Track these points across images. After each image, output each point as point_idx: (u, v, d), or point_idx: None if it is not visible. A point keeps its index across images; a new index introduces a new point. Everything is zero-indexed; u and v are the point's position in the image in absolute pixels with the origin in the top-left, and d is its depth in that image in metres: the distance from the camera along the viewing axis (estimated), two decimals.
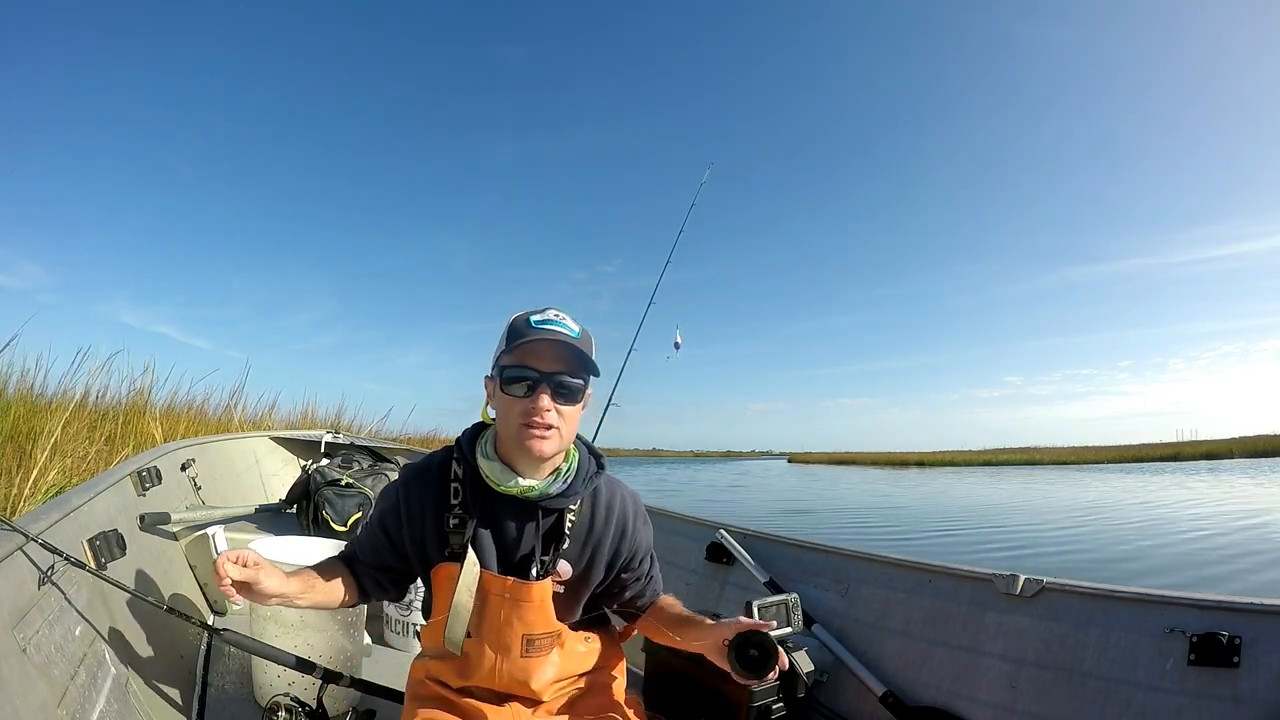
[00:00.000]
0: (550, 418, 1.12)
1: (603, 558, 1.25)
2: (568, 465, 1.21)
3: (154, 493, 2.29)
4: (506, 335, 1.17)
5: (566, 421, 1.15)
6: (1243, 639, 1.36)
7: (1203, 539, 9.03)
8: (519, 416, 1.12)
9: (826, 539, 2.30)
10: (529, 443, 1.12)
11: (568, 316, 1.17)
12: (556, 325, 1.14)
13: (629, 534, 1.27)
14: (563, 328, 1.14)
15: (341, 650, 1.81)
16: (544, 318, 1.15)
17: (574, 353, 1.13)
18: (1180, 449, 42.05)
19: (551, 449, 1.14)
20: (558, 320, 1.15)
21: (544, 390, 1.12)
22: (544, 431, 1.12)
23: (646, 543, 1.33)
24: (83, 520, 1.60)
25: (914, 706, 1.75)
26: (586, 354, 1.15)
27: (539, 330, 1.13)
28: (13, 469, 3.18)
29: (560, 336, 1.13)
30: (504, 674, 1.20)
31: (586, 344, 1.17)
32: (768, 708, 1.73)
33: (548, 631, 1.20)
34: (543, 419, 1.11)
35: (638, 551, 1.30)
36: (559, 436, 1.14)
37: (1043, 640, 1.62)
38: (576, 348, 1.13)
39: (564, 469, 1.20)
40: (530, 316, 1.16)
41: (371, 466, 3.32)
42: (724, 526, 2.50)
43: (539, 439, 1.12)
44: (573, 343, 1.13)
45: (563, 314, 1.17)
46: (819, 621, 2.03)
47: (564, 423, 1.14)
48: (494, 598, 1.18)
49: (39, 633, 1.16)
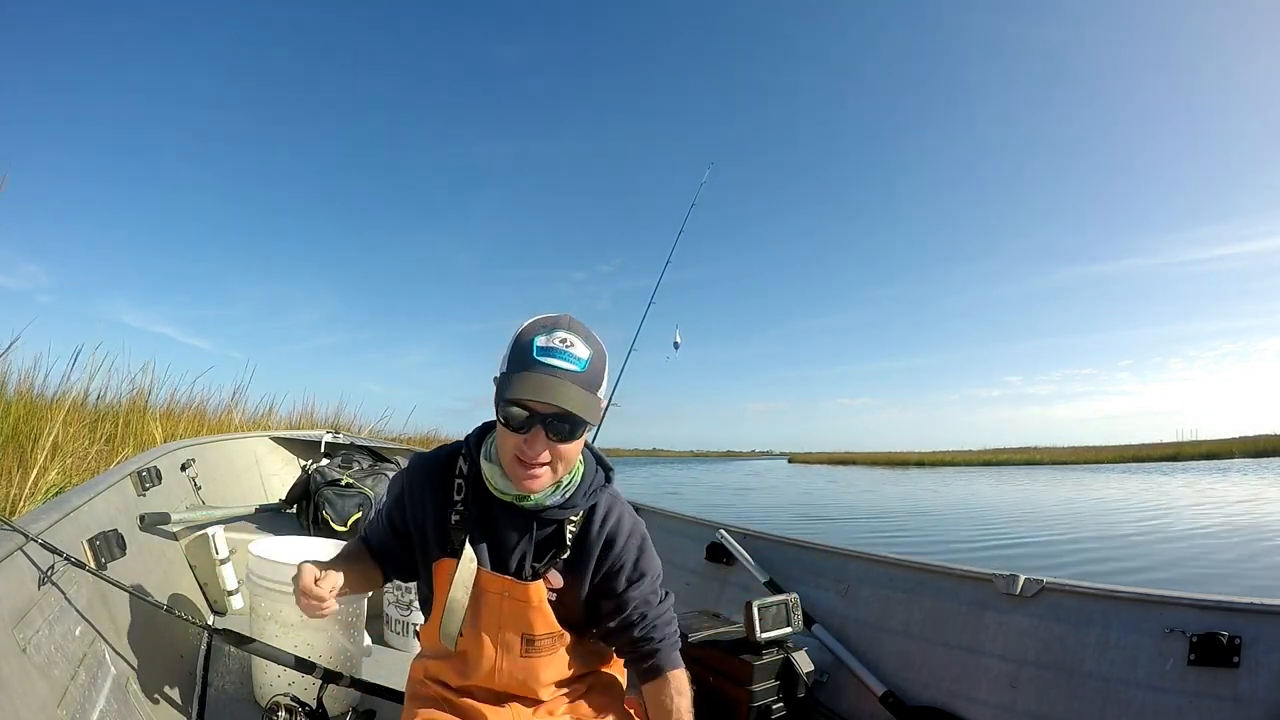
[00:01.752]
0: (543, 457, 1.06)
1: (590, 571, 1.20)
2: (570, 478, 1.16)
3: (154, 493, 2.29)
4: (510, 353, 1.07)
5: (564, 457, 1.08)
6: (1243, 639, 1.36)
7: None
8: (512, 449, 1.07)
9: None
10: (518, 481, 1.09)
11: (579, 340, 1.05)
12: (561, 358, 1.03)
13: (617, 549, 1.20)
14: (568, 361, 1.03)
15: (341, 650, 1.81)
16: (549, 344, 1.04)
17: (575, 392, 1.03)
18: (1180, 449, 42.00)
19: (542, 486, 1.09)
20: (564, 351, 1.04)
21: (538, 432, 1.04)
22: (536, 470, 1.07)
23: (644, 565, 1.22)
24: (83, 520, 1.60)
25: (914, 706, 1.75)
26: (591, 391, 1.06)
27: (539, 365, 1.03)
28: (13, 469, 3.17)
29: (560, 377, 1.02)
30: (504, 673, 1.20)
31: (595, 374, 1.07)
32: (768, 708, 1.73)
33: (549, 633, 1.19)
34: (535, 459, 1.05)
35: (621, 566, 1.20)
36: (552, 473, 1.09)
37: (1043, 640, 1.62)
38: (578, 388, 1.03)
39: (565, 481, 1.15)
40: (536, 339, 1.04)
41: (371, 466, 3.32)
42: (724, 526, 2.50)
43: (530, 478, 1.07)
44: (576, 379, 1.03)
45: (573, 336, 1.05)
46: (819, 621, 2.03)
47: (560, 459, 1.08)
48: (492, 595, 1.17)
49: (39, 633, 1.16)
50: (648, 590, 1.22)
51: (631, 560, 1.21)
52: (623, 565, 1.21)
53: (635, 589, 1.21)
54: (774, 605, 1.80)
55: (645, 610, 1.22)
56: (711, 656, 1.81)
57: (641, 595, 1.22)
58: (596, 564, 1.20)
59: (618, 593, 1.21)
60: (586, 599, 1.22)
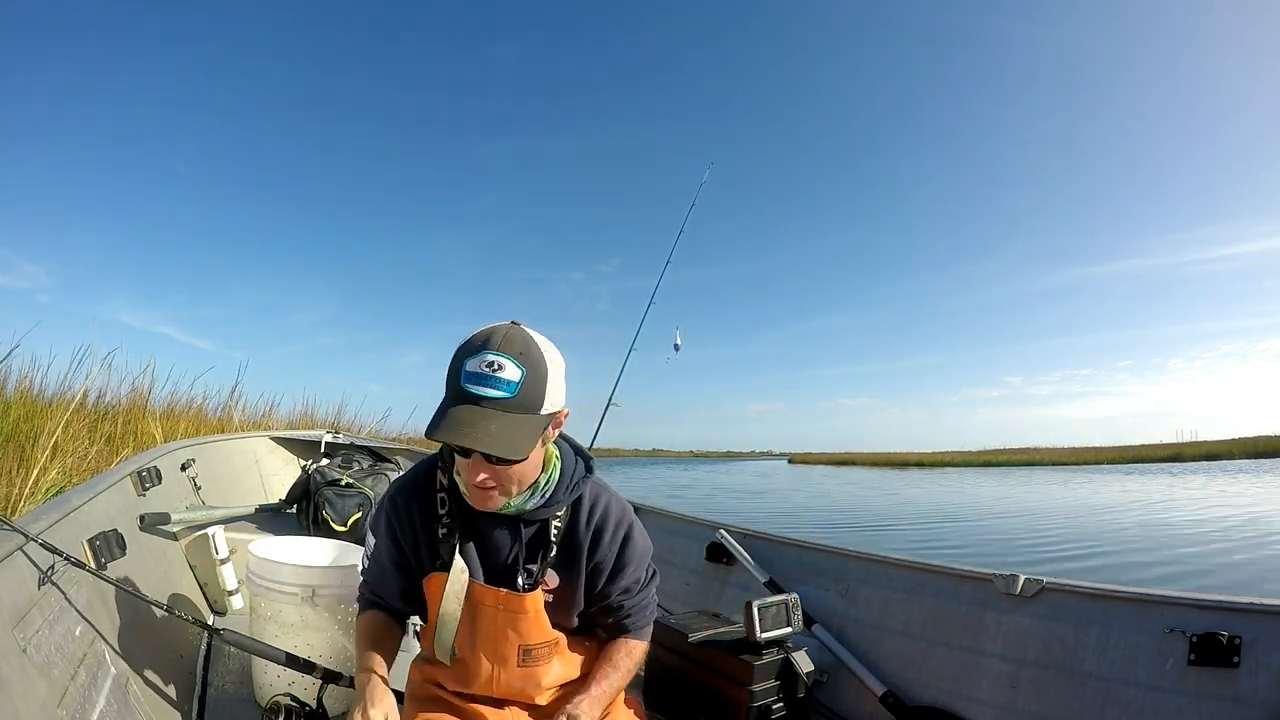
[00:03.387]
0: (489, 482, 1.04)
1: (583, 566, 1.20)
2: (547, 477, 1.14)
3: (154, 493, 2.29)
4: (447, 374, 1.02)
5: (515, 478, 1.06)
6: (1243, 639, 1.36)
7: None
8: (465, 472, 1.06)
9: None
10: (476, 504, 1.09)
11: (509, 360, 0.98)
12: (488, 386, 0.97)
13: (604, 543, 1.20)
14: (495, 388, 0.97)
15: (341, 650, 1.81)
16: (477, 369, 0.98)
17: (500, 425, 0.97)
18: (1180, 449, 41.99)
19: (498, 505, 1.08)
20: (491, 377, 0.97)
21: (478, 459, 1.01)
22: (490, 492, 1.06)
23: (627, 556, 1.23)
24: (83, 520, 1.60)
25: (914, 706, 1.75)
26: (529, 412, 1.00)
27: (465, 395, 0.98)
28: (13, 469, 3.18)
29: (489, 407, 0.97)
30: (502, 683, 1.19)
31: (531, 391, 1.00)
32: (768, 708, 1.73)
33: (544, 641, 1.19)
34: (482, 485, 1.04)
35: (608, 561, 1.21)
36: (505, 494, 1.07)
37: (1043, 640, 1.62)
38: (506, 418, 0.97)
39: (543, 481, 1.13)
40: (466, 365, 0.99)
41: (371, 466, 3.32)
42: (724, 526, 2.50)
43: (484, 499, 1.07)
44: (507, 407, 0.98)
45: (502, 358, 0.98)
46: (819, 621, 2.03)
47: (513, 478, 1.05)
48: (487, 609, 1.16)
49: (39, 633, 1.16)
50: (630, 579, 1.24)
51: (617, 549, 1.22)
52: (610, 555, 1.21)
53: (619, 579, 1.23)
54: (774, 605, 1.80)
55: (625, 599, 1.25)
56: (711, 656, 1.81)
57: (623, 585, 1.23)
58: (588, 556, 1.20)
59: (602, 581, 1.22)
60: (585, 588, 1.23)
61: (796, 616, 1.83)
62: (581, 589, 1.22)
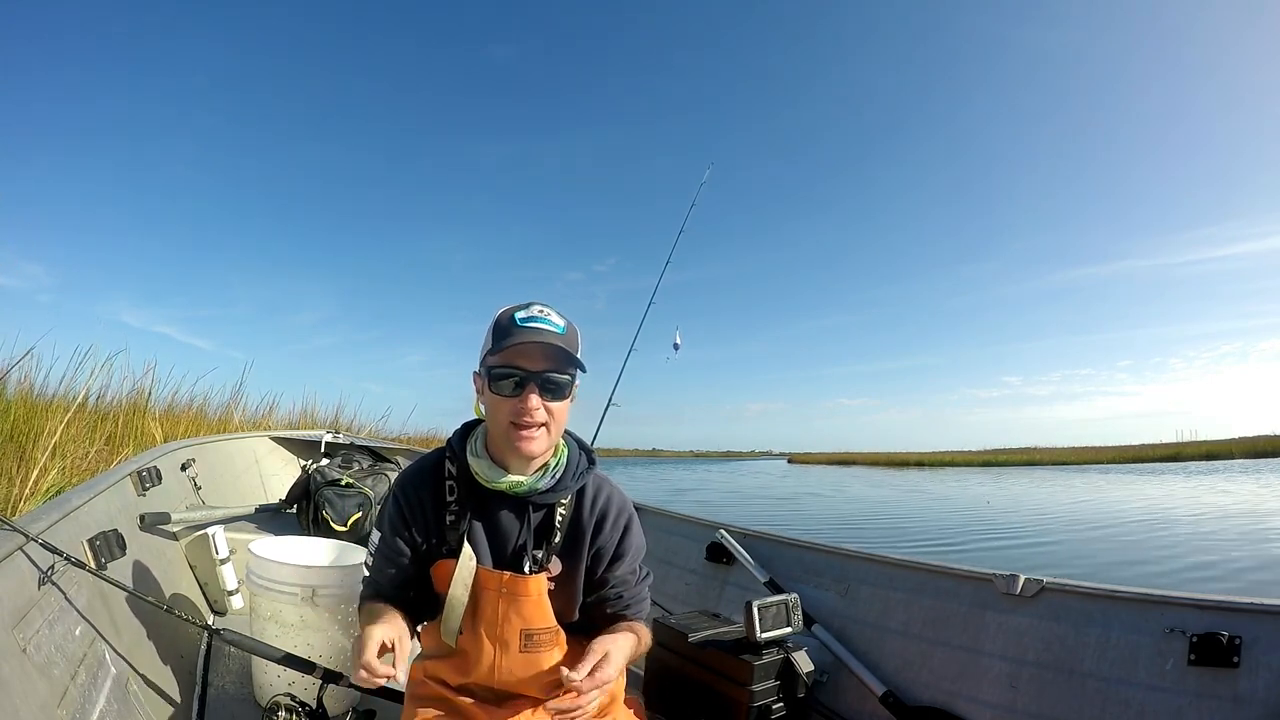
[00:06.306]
0: (539, 415, 1.13)
1: (585, 554, 1.25)
2: (556, 460, 1.22)
3: (154, 493, 2.29)
4: (492, 333, 1.17)
5: (555, 418, 1.16)
6: (1243, 639, 1.36)
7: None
8: (508, 415, 1.14)
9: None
10: (518, 443, 1.14)
11: (553, 311, 1.18)
12: (542, 322, 1.15)
13: (606, 530, 1.25)
14: (548, 324, 1.15)
15: (341, 650, 1.81)
16: (529, 314, 1.16)
17: (559, 349, 1.13)
18: (1180, 449, 41.93)
19: (540, 448, 1.16)
20: (543, 317, 1.16)
21: (532, 389, 1.13)
22: (533, 431, 1.14)
23: (626, 545, 1.28)
24: (83, 520, 1.60)
25: (914, 706, 1.75)
26: (572, 350, 1.16)
27: (524, 329, 1.14)
28: (13, 469, 3.18)
29: (545, 336, 1.13)
30: (503, 670, 1.21)
31: (572, 339, 1.18)
32: (768, 708, 1.73)
33: (546, 627, 1.21)
34: (532, 418, 1.13)
35: (608, 548, 1.26)
36: (548, 434, 1.16)
37: (1043, 640, 1.62)
38: (561, 346, 1.14)
39: (553, 464, 1.21)
40: (515, 313, 1.16)
41: (371, 466, 3.32)
42: (724, 526, 2.50)
43: (528, 439, 1.14)
44: (559, 339, 1.14)
45: (548, 309, 1.18)
46: (819, 621, 2.02)
47: (553, 420, 1.15)
48: (490, 593, 1.19)
49: (39, 633, 1.16)
50: (627, 569, 1.28)
51: (616, 539, 1.27)
52: (611, 541, 1.26)
53: (617, 567, 1.27)
54: (774, 605, 1.80)
55: (622, 589, 1.28)
56: (711, 656, 1.81)
57: (620, 574, 1.27)
58: (590, 542, 1.24)
59: (601, 568, 1.26)
60: (588, 577, 1.26)
61: (796, 616, 1.83)
62: (582, 576, 1.25)
